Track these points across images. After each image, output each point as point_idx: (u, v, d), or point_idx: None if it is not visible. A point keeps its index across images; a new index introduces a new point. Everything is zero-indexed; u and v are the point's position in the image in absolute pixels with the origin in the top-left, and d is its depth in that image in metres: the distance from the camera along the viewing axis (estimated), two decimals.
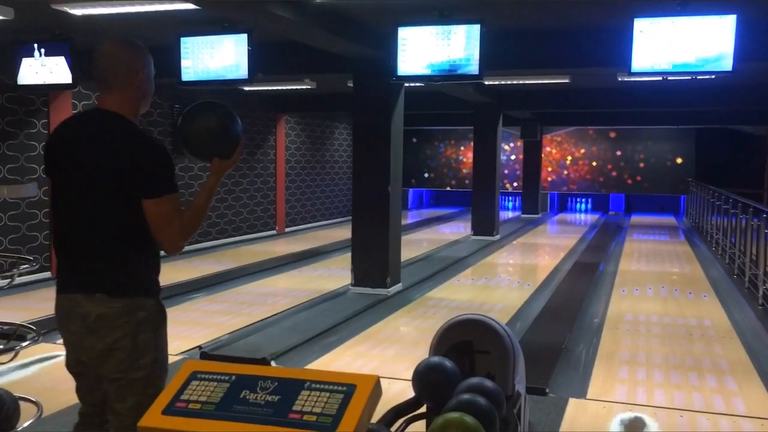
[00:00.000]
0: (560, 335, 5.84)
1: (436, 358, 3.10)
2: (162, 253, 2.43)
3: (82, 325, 2.23)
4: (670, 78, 6.16)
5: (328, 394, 1.44)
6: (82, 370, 2.35)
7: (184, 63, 6.54)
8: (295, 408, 1.42)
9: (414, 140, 19.72)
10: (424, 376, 3.00)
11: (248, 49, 6.26)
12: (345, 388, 1.45)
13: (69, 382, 4.57)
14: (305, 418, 1.40)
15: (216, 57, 6.38)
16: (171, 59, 6.62)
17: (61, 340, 2.42)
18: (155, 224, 2.27)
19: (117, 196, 2.23)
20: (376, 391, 1.49)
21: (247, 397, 1.46)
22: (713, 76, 5.96)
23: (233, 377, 1.52)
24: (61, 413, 4.00)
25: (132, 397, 2.26)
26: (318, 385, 1.47)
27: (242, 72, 6.33)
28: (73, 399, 4.23)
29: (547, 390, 4.42)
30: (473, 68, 5.98)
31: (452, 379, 2.99)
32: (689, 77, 6.01)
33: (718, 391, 4.49)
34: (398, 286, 7.83)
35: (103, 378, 2.28)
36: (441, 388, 2.96)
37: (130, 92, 2.33)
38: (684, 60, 5.49)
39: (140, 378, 2.26)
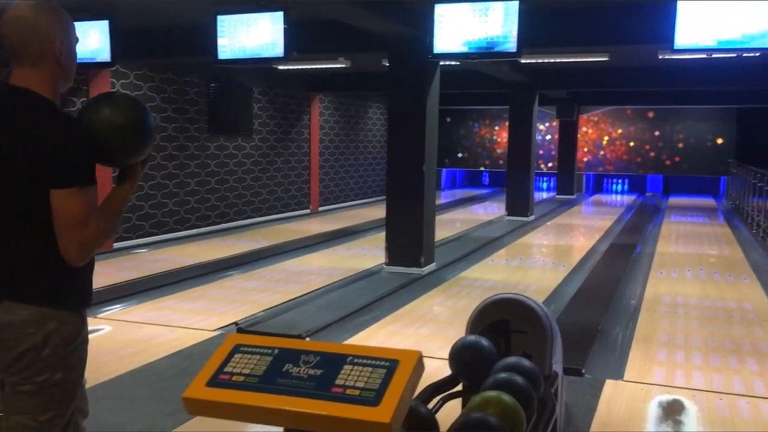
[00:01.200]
0: (596, 317, 5.78)
1: (472, 337, 3.09)
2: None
3: None
4: (714, 55, 6.00)
5: (370, 369, 1.44)
6: None
7: (221, 41, 6.55)
8: (338, 382, 1.42)
9: (448, 120, 19.58)
10: (461, 355, 3.00)
11: (284, 27, 6.24)
12: (388, 364, 1.45)
13: (110, 355, 4.68)
14: (348, 392, 1.40)
15: (252, 35, 6.39)
16: (207, 38, 6.65)
17: (101, 315, 2.42)
18: (61, 222, 1.84)
19: (30, 186, 1.84)
20: (419, 367, 1.48)
21: (290, 370, 1.47)
22: (758, 54, 5.78)
23: (276, 351, 1.53)
24: (102, 385, 4.09)
25: (16, 417, 1.90)
26: (361, 360, 1.47)
27: (278, 50, 6.32)
28: (114, 371, 4.35)
29: (584, 371, 4.38)
30: (511, 45, 5.89)
31: (489, 358, 2.98)
32: (734, 54, 5.84)
33: (759, 375, 4.41)
34: (432, 266, 7.82)
35: None
36: (478, 367, 2.95)
37: (46, 66, 1.93)
38: (729, 36, 5.33)
39: (32, 396, 1.89)
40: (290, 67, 11.15)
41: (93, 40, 7.07)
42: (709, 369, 4.53)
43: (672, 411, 3.81)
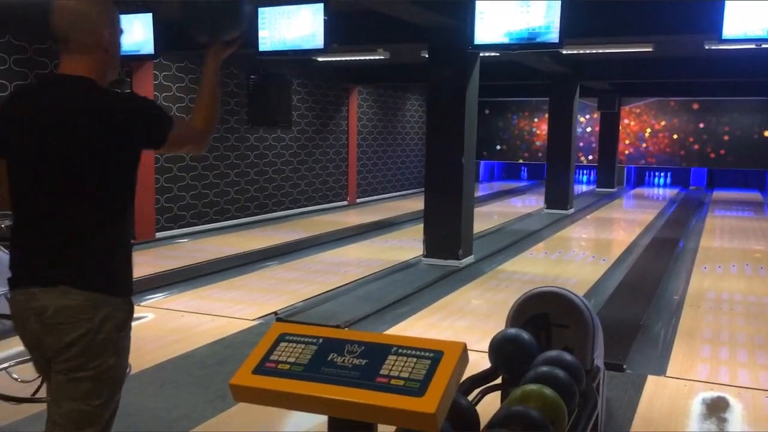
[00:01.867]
0: (638, 311, 5.69)
1: (513, 330, 3.08)
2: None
3: (38, 321, 1.90)
4: (763, 46, 5.83)
5: (415, 360, 1.44)
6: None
7: (261, 33, 6.61)
8: (382, 372, 1.43)
9: (486, 112, 19.43)
10: (501, 348, 2.98)
11: (324, 19, 6.27)
12: (432, 354, 1.45)
13: (153, 343, 4.78)
14: (392, 382, 1.40)
15: (292, 27, 6.42)
16: (248, 29, 6.70)
17: (144, 303, 2.45)
18: (176, 151, 2.20)
19: (88, 174, 1.88)
20: (464, 359, 1.48)
21: (335, 359, 1.48)
22: None
23: (320, 340, 1.54)
24: (146, 372, 4.18)
25: (69, 403, 1.92)
26: (405, 350, 1.47)
27: (318, 42, 6.35)
28: (157, 358, 4.43)
29: (625, 366, 4.33)
30: (553, 36, 5.82)
31: (529, 351, 2.96)
32: None
33: None
34: (470, 258, 7.78)
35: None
36: (518, 360, 2.93)
37: (95, 54, 1.96)
38: None
39: (87, 381, 1.92)
40: (329, 59, 11.18)
41: (137, 32, 7.18)
42: (755, 366, 4.43)
43: (716, 408, 3.74)
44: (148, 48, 7.21)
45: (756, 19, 5.23)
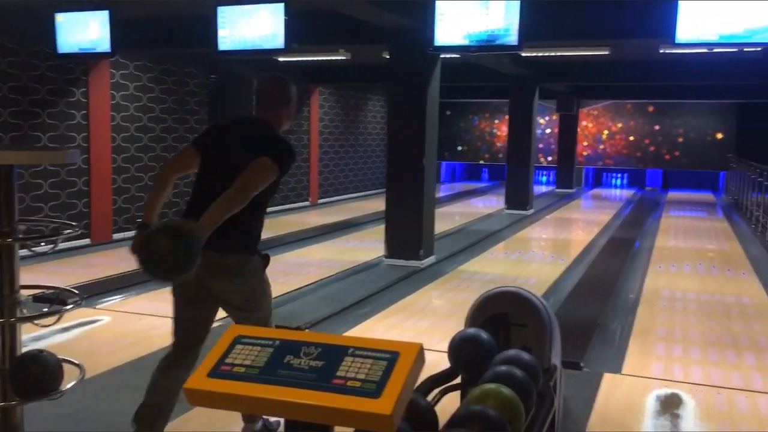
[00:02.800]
0: (595, 310, 5.79)
1: (472, 330, 3.10)
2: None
3: (207, 269, 2.81)
4: (715, 50, 5.99)
5: (371, 361, 1.44)
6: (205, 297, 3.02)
7: (221, 32, 6.54)
8: (339, 374, 1.42)
9: (448, 113, 19.55)
10: (460, 348, 3.00)
11: (285, 19, 6.23)
12: (389, 356, 1.45)
13: (109, 346, 4.69)
14: (349, 383, 1.40)
15: (253, 26, 6.37)
16: (208, 29, 6.63)
17: (100, 306, 2.48)
18: (251, 168, 2.77)
19: None
20: (420, 359, 1.49)
21: (291, 361, 1.47)
22: (759, 48, 5.78)
23: (277, 342, 1.53)
24: (102, 376, 4.10)
25: (257, 313, 3.13)
26: (362, 352, 1.47)
27: (278, 42, 6.31)
28: (113, 362, 4.35)
29: (582, 364, 4.39)
30: (512, 39, 5.88)
31: (488, 351, 2.99)
32: (736, 49, 5.83)
33: (757, 369, 4.42)
34: (431, 259, 7.83)
35: (229, 306, 3.06)
36: (477, 360, 2.95)
37: (279, 112, 3.03)
38: (731, 31, 5.33)
39: (256, 303, 3.11)
40: (290, 59, 11.13)
41: (93, 30, 7.06)
42: (708, 363, 4.54)
43: (670, 405, 3.83)
44: (104, 46, 7.08)
45: (708, 23, 5.37)
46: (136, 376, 4.16)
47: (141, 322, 5.32)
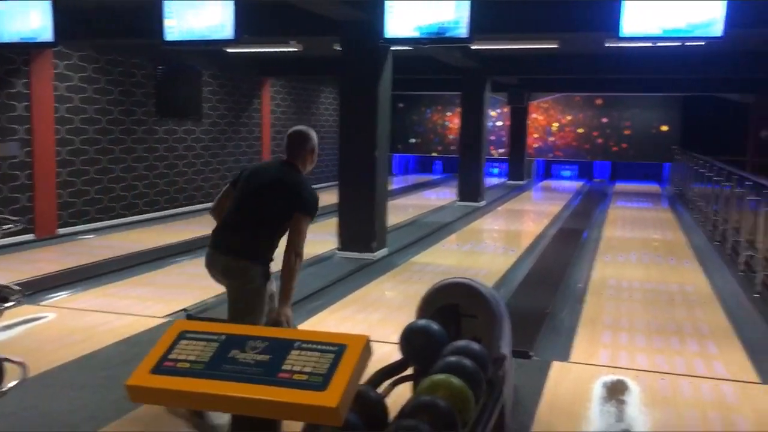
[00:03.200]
0: (544, 300, 5.89)
1: (422, 321, 3.12)
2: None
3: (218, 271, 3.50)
4: (659, 44, 6.13)
5: (318, 354, 1.44)
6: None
7: (168, 22, 6.41)
8: (285, 367, 1.41)
9: (400, 105, 19.59)
10: (411, 339, 3.01)
11: (234, 9, 6.14)
12: (336, 348, 1.45)
13: (54, 343, 4.57)
14: (295, 377, 1.39)
15: (201, 16, 6.26)
16: (154, 18, 6.49)
17: (44, 303, 2.40)
18: (292, 231, 3.40)
19: (283, 211, 3.41)
20: (367, 352, 1.49)
21: (237, 356, 1.45)
22: (702, 43, 5.94)
23: (223, 336, 1.51)
24: (46, 374, 4.00)
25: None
26: (308, 345, 1.46)
27: (228, 32, 6.22)
28: (58, 360, 4.25)
29: (532, 353, 4.47)
30: (462, 31, 5.92)
31: (439, 341, 3.00)
32: (679, 43, 5.98)
33: (699, 355, 4.56)
34: (384, 251, 7.84)
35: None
36: (427, 351, 2.97)
37: (304, 158, 3.59)
38: (674, 25, 5.46)
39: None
40: (241, 50, 10.99)
41: (34, 19, 6.85)
42: (652, 350, 4.66)
43: (616, 391, 3.92)
44: (46, 35, 6.88)
45: (652, 18, 5.49)
46: (82, 373, 4.08)
47: (87, 319, 5.19)
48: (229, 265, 3.44)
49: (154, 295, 5.92)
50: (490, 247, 8.80)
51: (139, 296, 5.87)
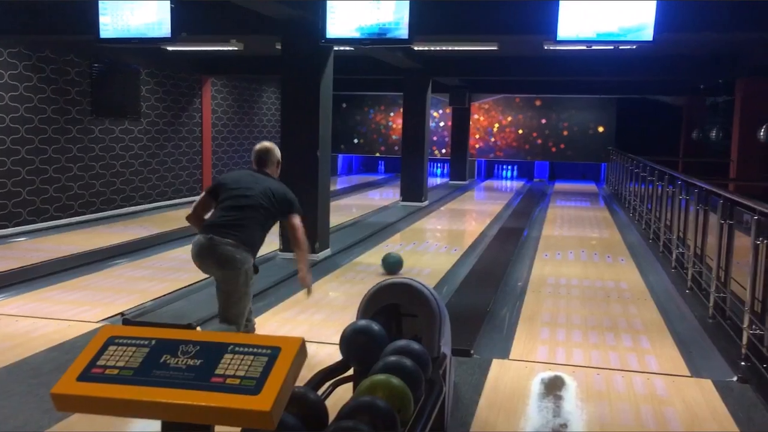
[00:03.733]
0: (485, 298, 5.97)
1: (363, 322, 3.12)
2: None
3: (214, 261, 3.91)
4: (594, 47, 6.29)
5: (252, 357, 1.42)
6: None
7: (103, 19, 6.25)
8: (218, 372, 1.39)
9: (344, 105, 19.58)
10: (351, 340, 3.02)
11: (171, 7, 6.03)
12: (269, 351, 1.43)
13: (7, 341, 4.39)
14: (228, 381, 1.37)
15: (137, 14, 6.13)
16: (89, 15, 6.32)
17: None
18: (292, 228, 4.10)
19: (272, 211, 4.04)
20: (301, 354, 1.48)
21: (168, 361, 1.42)
22: (635, 46, 6.11)
23: (153, 342, 1.48)
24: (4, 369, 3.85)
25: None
26: (242, 349, 1.45)
27: (165, 30, 6.11)
28: (11, 358, 4.09)
29: (472, 351, 4.52)
30: (403, 32, 5.95)
31: (379, 342, 3.01)
32: (612, 47, 6.15)
33: (633, 350, 4.70)
34: (327, 252, 7.81)
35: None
36: (368, 351, 2.98)
37: (273, 168, 4.23)
38: (608, 29, 5.62)
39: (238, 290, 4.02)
40: (180, 49, 10.78)
41: None
42: (588, 346, 4.78)
43: (553, 387, 4.00)
44: None
45: (587, 22, 5.64)
46: (13, 380, 3.94)
47: (17, 324, 5.02)
48: (228, 254, 3.82)
49: (89, 299, 5.76)
50: (433, 246, 8.87)
51: (73, 300, 5.70)
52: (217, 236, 3.85)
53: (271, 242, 8.12)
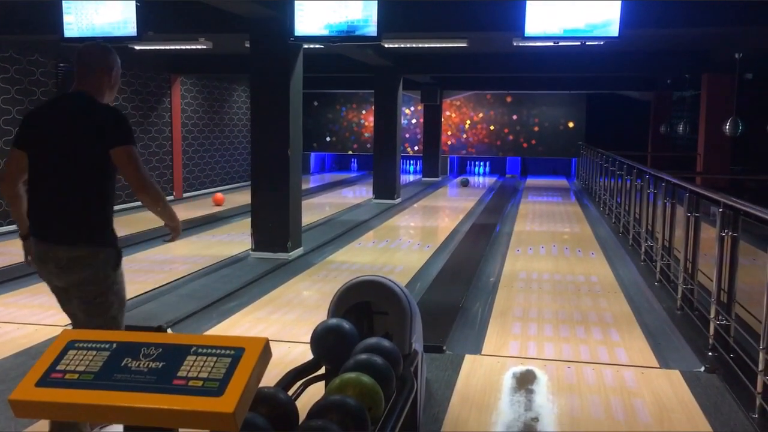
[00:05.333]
0: (458, 295, 5.99)
1: (334, 320, 3.11)
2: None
3: (56, 266, 2.85)
4: (561, 43, 6.35)
5: (215, 359, 1.41)
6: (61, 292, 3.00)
7: (67, 18, 6.16)
8: (180, 374, 1.38)
9: (315, 104, 19.52)
10: (322, 339, 3.01)
11: (137, 5, 5.96)
12: (233, 352, 1.42)
13: None
14: (191, 383, 1.36)
15: (101, 12, 6.04)
16: (52, 14, 6.22)
17: None
18: (125, 167, 2.79)
19: (88, 153, 2.76)
20: (266, 354, 1.47)
21: (129, 364, 1.40)
22: (601, 42, 6.19)
23: (114, 345, 1.45)
24: None
25: (97, 319, 2.93)
26: (205, 350, 1.43)
27: (130, 29, 6.04)
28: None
29: (445, 348, 4.53)
30: (371, 30, 5.95)
31: (350, 340, 3.01)
32: (579, 42, 6.21)
33: (603, 343, 4.75)
34: (299, 251, 7.79)
35: (77, 301, 2.94)
36: (339, 350, 2.97)
37: (100, 82, 2.90)
38: (574, 25, 5.68)
39: (102, 303, 2.92)
40: (147, 47, 10.65)
41: None
42: (559, 339, 4.82)
43: (525, 381, 4.03)
44: None
45: (553, 19, 5.69)
46: None
47: None
48: (66, 256, 2.81)
49: (56, 303, 5.65)
50: (406, 243, 8.89)
51: (40, 305, 5.61)
52: (48, 230, 2.92)
53: (241, 242, 8.09)
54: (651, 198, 7.44)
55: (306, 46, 7.58)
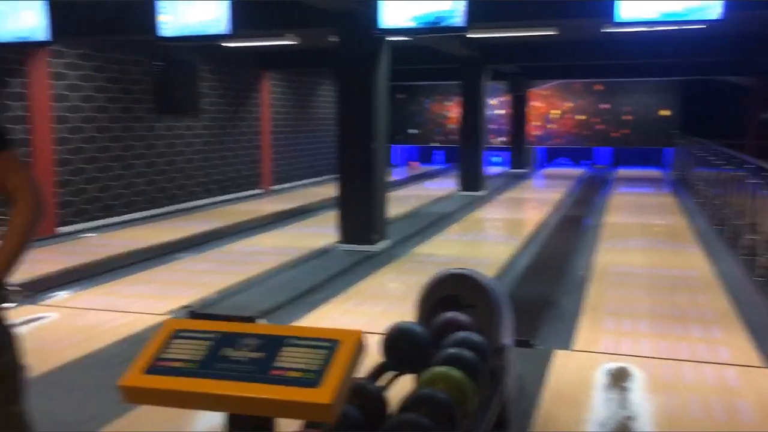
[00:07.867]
0: (547, 289, 5.88)
1: (405, 324, 2.95)
2: None
3: None
4: (656, 28, 6.09)
5: (311, 350, 1.43)
6: None
7: (162, 18, 6.38)
8: (278, 364, 1.40)
9: (399, 96, 19.54)
10: (392, 344, 2.89)
11: (229, 3, 6.11)
12: (329, 344, 1.44)
13: (57, 343, 4.58)
14: (288, 374, 1.38)
15: (195, 11, 6.24)
16: (148, 14, 6.47)
17: (45, 302, 2.29)
18: (16, 177, 2.04)
19: None
20: (360, 347, 1.47)
21: (230, 354, 1.44)
22: (703, 26, 5.89)
23: (215, 335, 1.50)
24: (51, 373, 4.00)
25: None
26: (301, 342, 1.45)
27: (223, 27, 6.20)
28: (61, 360, 4.25)
29: (534, 342, 4.46)
30: (459, 20, 5.88)
31: (422, 344, 2.87)
32: (676, 27, 5.93)
33: (703, 340, 4.55)
34: (385, 243, 7.82)
35: None
36: (411, 356, 2.85)
37: None
38: (671, 9, 5.42)
39: None
40: (237, 45, 10.95)
41: (27, 17, 6.82)
42: (655, 336, 4.65)
43: (619, 378, 3.91)
44: (41, 34, 6.86)
45: (648, 2, 5.45)
46: (87, 373, 4.09)
47: (89, 317, 5.20)
48: None
49: (155, 292, 5.92)
50: (492, 236, 8.79)
51: (141, 294, 5.87)
52: None
53: (328, 234, 8.21)
54: (754, 189, 7.06)
55: (390, 38, 7.58)
